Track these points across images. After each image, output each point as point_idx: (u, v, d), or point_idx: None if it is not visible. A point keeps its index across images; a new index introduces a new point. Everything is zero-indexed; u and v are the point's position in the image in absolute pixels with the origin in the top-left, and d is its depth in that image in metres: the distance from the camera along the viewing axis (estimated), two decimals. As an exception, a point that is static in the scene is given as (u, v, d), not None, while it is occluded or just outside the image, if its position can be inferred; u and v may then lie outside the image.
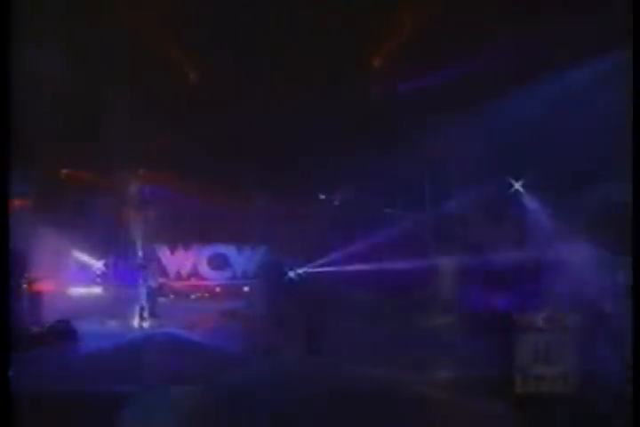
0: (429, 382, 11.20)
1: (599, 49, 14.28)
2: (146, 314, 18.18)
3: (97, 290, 20.46)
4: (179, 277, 21.31)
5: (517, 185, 18.23)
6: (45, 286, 17.41)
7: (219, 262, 21.52)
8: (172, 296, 20.74)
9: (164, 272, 21.07)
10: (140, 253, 20.33)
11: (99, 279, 20.73)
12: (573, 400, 9.75)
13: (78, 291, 19.90)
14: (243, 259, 21.56)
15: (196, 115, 17.54)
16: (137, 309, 18.35)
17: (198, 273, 21.47)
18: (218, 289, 21.21)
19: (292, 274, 20.18)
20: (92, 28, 15.03)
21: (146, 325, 17.72)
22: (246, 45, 15.68)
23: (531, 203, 17.81)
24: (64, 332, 14.14)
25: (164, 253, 21.37)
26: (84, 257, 20.60)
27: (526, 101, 15.74)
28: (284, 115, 17.23)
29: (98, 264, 20.83)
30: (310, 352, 13.49)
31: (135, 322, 17.84)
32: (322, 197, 20.84)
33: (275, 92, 16.54)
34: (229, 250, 21.52)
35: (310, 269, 20.36)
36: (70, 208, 19.92)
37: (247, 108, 17.19)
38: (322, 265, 20.05)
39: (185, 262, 21.46)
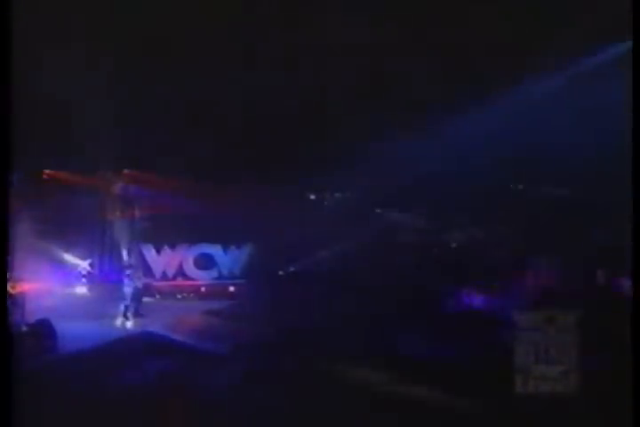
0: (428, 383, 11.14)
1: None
2: (130, 314, 18.03)
3: (82, 290, 20.34)
4: (164, 276, 21.17)
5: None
6: (28, 285, 17.27)
7: (205, 262, 21.42)
8: (157, 296, 20.61)
9: (149, 272, 20.94)
10: (125, 253, 20.25)
11: (84, 279, 20.59)
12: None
13: (62, 291, 19.76)
14: (229, 258, 21.47)
15: (184, 114, 17.45)
16: (121, 308, 18.24)
17: (184, 273, 21.36)
18: (203, 289, 21.12)
19: (280, 273, 20.17)
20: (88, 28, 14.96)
21: (129, 324, 17.57)
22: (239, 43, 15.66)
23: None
24: (44, 331, 13.99)
25: (150, 253, 21.23)
26: (69, 257, 20.46)
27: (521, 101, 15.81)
28: (274, 114, 17.16)
29: (83, 264, 20.69)
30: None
31: (119, 322, 17.69)
32: (312, 196, 20.80)
33: (264, 91, 16.48)
34: (215, 250, 21.43)
35: (298, 269, 20.34)
36: (55, 208, 19.83)
37: (237, 107, 17.11)
38: (310, 264, 20.02)
39: (171, 262, 21.33)
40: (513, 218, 17.35)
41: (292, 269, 20.50)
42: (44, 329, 14.02)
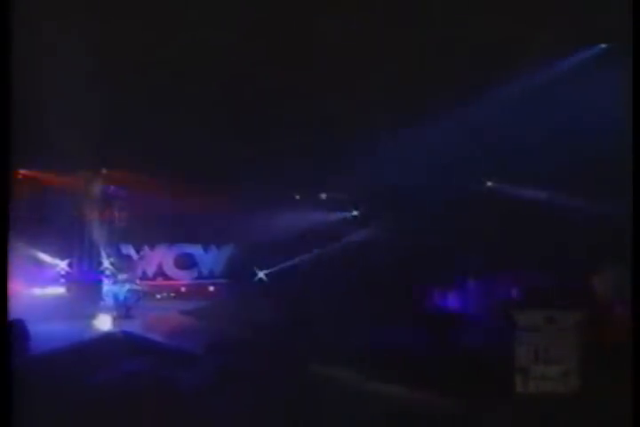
0: (427, 383, 11.07)
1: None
2: (116, 314, 17.94)
3: (60, 290, 20.13)
4: (144, 276, 21.05)
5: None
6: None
7: (185, 262, 21.39)
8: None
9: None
10: (104, 254, 20.12)
11: (62, 279, 20.40)
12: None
13: (40, 291, 19.56)
14: (209, 258, 21.42)
15: (164, 115, 17.34)
16: (105, 309, 18.13)
17: (164, 273, 21.30)
18: (183, 289, 21.07)
19: (260, 274, 20.13)
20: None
21: (109, 324, 17.43)
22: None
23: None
24: (15, 333, 13.65)
25: (130, 253, 21.13)
26: (48, 257, 20.26)
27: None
28: (262, 113, 17.10)
29: (62, 264, 20.49)
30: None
31: (101, 322, 17.54)
32: (297, 197, 20.81)
33: (254, 89, 16.42)
34: (196, 249, 21.37)
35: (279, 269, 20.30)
36: (33, 208, 19.66)
37: (221, 108, 17.03)
38: (292, 265, 19.98)
39: (150, 262, 21.24)
40: (514, 218, 17.41)
41: (272, 268, 20.45)
42: (15, 330, 13.68)
